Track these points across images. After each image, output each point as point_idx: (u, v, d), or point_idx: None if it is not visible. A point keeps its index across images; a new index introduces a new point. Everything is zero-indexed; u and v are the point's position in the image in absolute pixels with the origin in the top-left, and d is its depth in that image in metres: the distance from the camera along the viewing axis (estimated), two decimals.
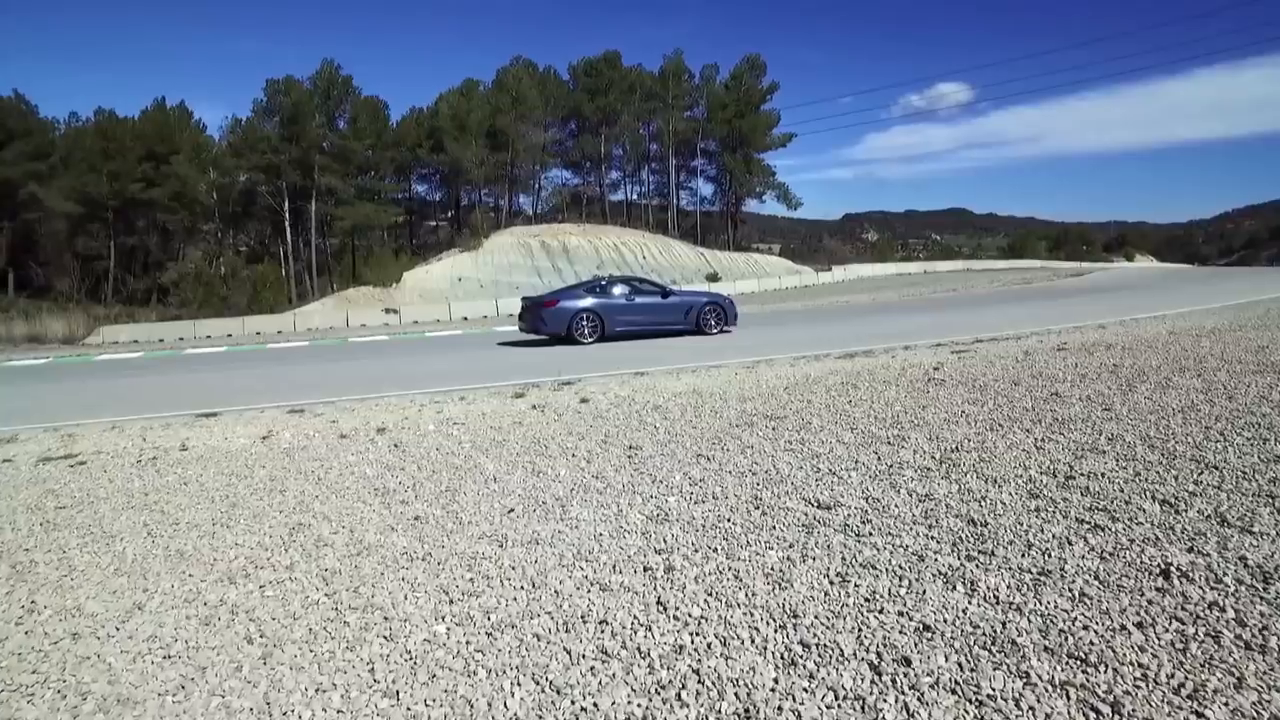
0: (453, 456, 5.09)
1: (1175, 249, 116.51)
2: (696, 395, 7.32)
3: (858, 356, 10.40)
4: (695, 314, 15.08)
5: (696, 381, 8.54)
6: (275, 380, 11.94)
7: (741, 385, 7.99)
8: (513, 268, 41.02)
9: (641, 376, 9.38)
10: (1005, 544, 2.90)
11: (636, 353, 12.73)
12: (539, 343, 14.97)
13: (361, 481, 4.52)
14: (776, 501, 3.63)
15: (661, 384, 8.51)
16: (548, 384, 9.05)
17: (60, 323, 37.37)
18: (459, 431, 6.04)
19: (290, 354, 17.20)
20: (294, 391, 10.02)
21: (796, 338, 14.63)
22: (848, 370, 8.70)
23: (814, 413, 5.96)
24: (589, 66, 57.32)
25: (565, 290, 15.71)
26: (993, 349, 10.31)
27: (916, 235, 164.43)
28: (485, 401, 7.93)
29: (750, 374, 9.00)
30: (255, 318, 31.90)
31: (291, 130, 45.04)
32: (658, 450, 4.92)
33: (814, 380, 7.96)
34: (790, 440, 5.01)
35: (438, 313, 32.09)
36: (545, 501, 3.87)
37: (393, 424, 6.68)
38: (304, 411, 7.91)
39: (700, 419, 5.95)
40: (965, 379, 7.30)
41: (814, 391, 7.08)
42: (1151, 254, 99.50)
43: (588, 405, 7.16)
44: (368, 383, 10.82)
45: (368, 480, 4.54)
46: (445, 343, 18.11)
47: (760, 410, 6.17)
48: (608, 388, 8.48)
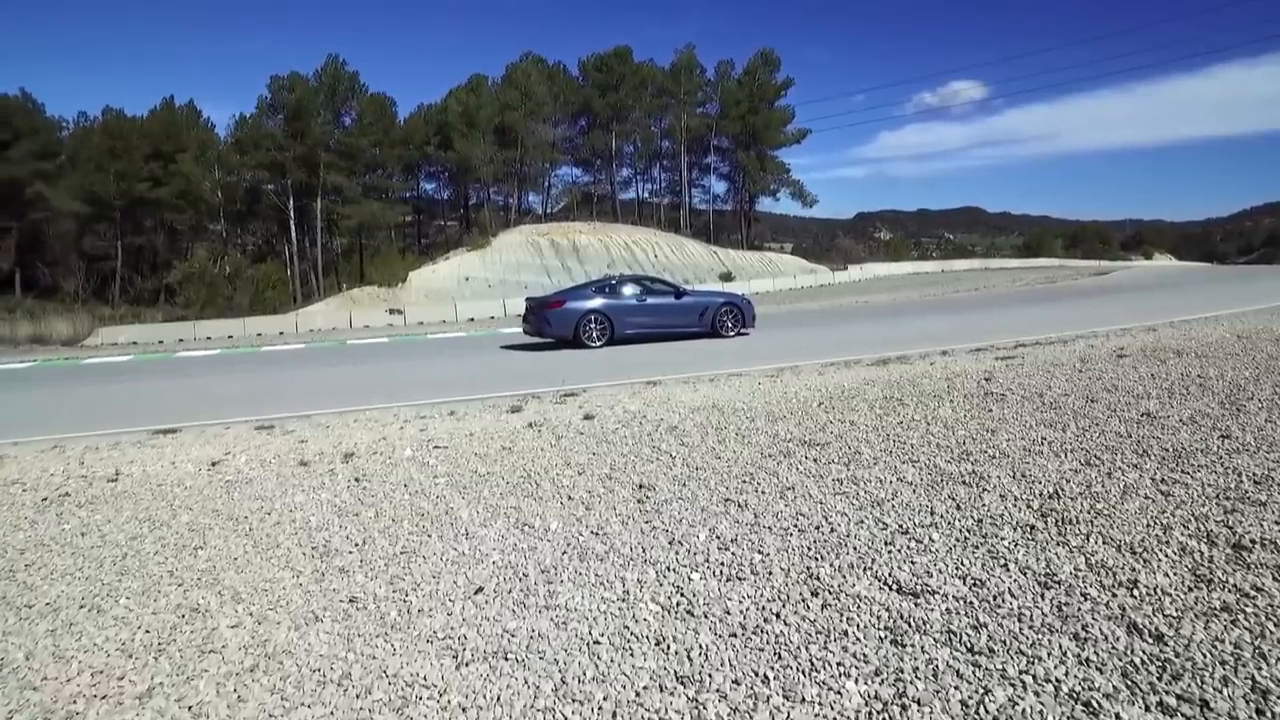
0: (422, 497, 4.14)
1: (1193, 247, 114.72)
2: (717, 412, 6.35)
3: (892, 363, 9.42)
4: (711, 315, 14.11)
5: (715, 393, 7.57)
6: (258, 387, 11.07)
7: (767, 399, 7.02)
8: (521, 267, 40.07)
9: (653, 386, 8.42)
10: (1211, 681, 1.92)
11: (648, 357, 11.77)
12: (544, 346, 14.04)
13: (301, 534, 3.58)
14: (840, 582, 2.66)
15: (676, 396, 7.55)
16: (549, 395, 8.11)
17: (65, 323, 36.87)
18: (438, 460, 5.09)
19: (284, 357, 16.35)
20: (273, 401, 9.13)
21: (820, 341, 13.63)
22: (886, 380, 7.71)
23: (861, 438, 4.97)
24: (600, 62, 56.24)
25: (572, 290, 14.77)
26: (1041, 355, 9.32)
27: (929, 234, 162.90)
28: (477, 417, 7.00)
29: (775, 384, 8.02)
30: (257, 319, 31.15)
31: (296, 127, 44.21)
32: (675, 492, 3.95)
33: (850, 393, 6.97)
34: (840, 478, 4.03)
35: (443, 313, 31.23)
36: (527, 574, 2.91)
37: (365, 447, 5.75)
38: (273, 428, 7.00)
39: (724, 445, 4.98)
40: (1027, 393, 6.29)
41: (854, 408, 6.09)
42: (1169, 252, 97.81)
43: (592, 423, 6.20)
44: (355, 391, 9.93)
45: (309, 533, 3.60)
46: (446, 345, 17.22)
47: (796, 434, 5.19)
48: (616, 400, 7.52)
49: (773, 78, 59.05)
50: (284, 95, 44.73)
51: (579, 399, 7.75)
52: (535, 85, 50.30)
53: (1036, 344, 10.70)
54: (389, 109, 49.81)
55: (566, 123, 56.69)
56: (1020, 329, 13.06)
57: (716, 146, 61.97)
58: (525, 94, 49.55)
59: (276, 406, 8.51)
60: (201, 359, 17.18)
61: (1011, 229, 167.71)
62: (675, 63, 57.49)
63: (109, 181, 53.12)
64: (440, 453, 5.33)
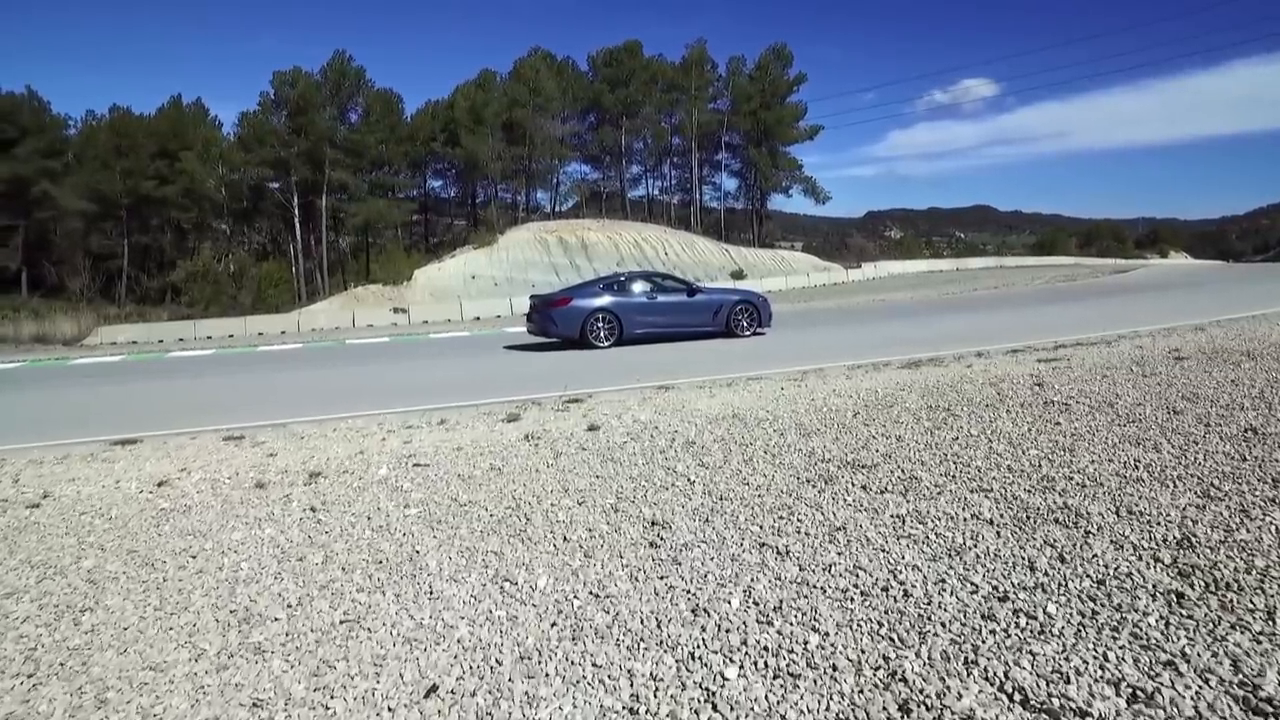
0: (385, 535, 3.38)
1: (1208, 245, 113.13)
2: (739, 423, 5.58)
3: (924, 365, 8.64)
4: (725, 314, 13.34)
5: (735, 400, 6.80)
6: (243, 390, 10.37)
7: (795, 406, 6.24)
8: (529, 265, 39.29)
9: (666, 391, 7.66)
10: None
11: (659, 358, 11.02)
12: (549, 346, 13.30)
13: (222, 590, 2.83)
14: (938, 688, 1.88)
15: (692, 402, 6.78)
16: (551, 400, 7.36)
17: (70, 322, 36.44)
18: (414, 483, 4.34)
19: (280, 357, 15.68)
20: (254, 406, 8.42)
21: (841, 341, 12.85)
22: (923, 385, 6.92)
23: (913, 458, 4.19)
24: (609, 56, 55.34)
25: (579, 287, 14.03)
26: (1088, 357, 8.54)
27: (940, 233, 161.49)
28: (469, 427, 6.26)
29: (801, 389, 7.24)
30: (258, 317, 30.54)
31: (300, 123, 43.56)
32: (696, 531, 3.18)
33: (887, 400, 6.19)
34: (899, 514, 3.25)
35: (449, 312, 30.51)
36: (501, 665, 2.14)
37: (336, 464, 5.01)
38: (243, 438, 6.29)
39: (752, 466, 4.20)
40: (1094, 402, 5.49)
41: (897, 420, 5.31)
42: (1185, 251, 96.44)
43: (596, 436, 5.44)
44: (345, 395, 9.22)
45: (233, 588, 2.85)
46: (448, 345, 16.50)
47: (835, 452, 4.40)
48: (624, 407, 6.77)
49: (785, 73, 58.06)
50: (288, 91, 44.09)
51: (583, 406, 6.99)
52: (544, 81, 49.46)
53: (1077, 345, 9.93)
54: (395, 105, 49.17)
55: (575, 119, 55.86)
56: (1052, 328, 12.32)
57: (727, 143, 61.04)
58: (534, 90, 48.71)
59: (256, 412, 7.80)
60: (194, 359, 16.52)
61: (1023, 227, 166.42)
62: (686, 58, 56.59)
63: (115, 180, 52.73)
64: (419, 473, 4.58)
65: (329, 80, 45.45)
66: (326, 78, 45.36)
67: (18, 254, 52.63)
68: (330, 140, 44.53)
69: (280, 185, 46.95)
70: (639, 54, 55.52)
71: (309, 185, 45.92)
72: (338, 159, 45.03)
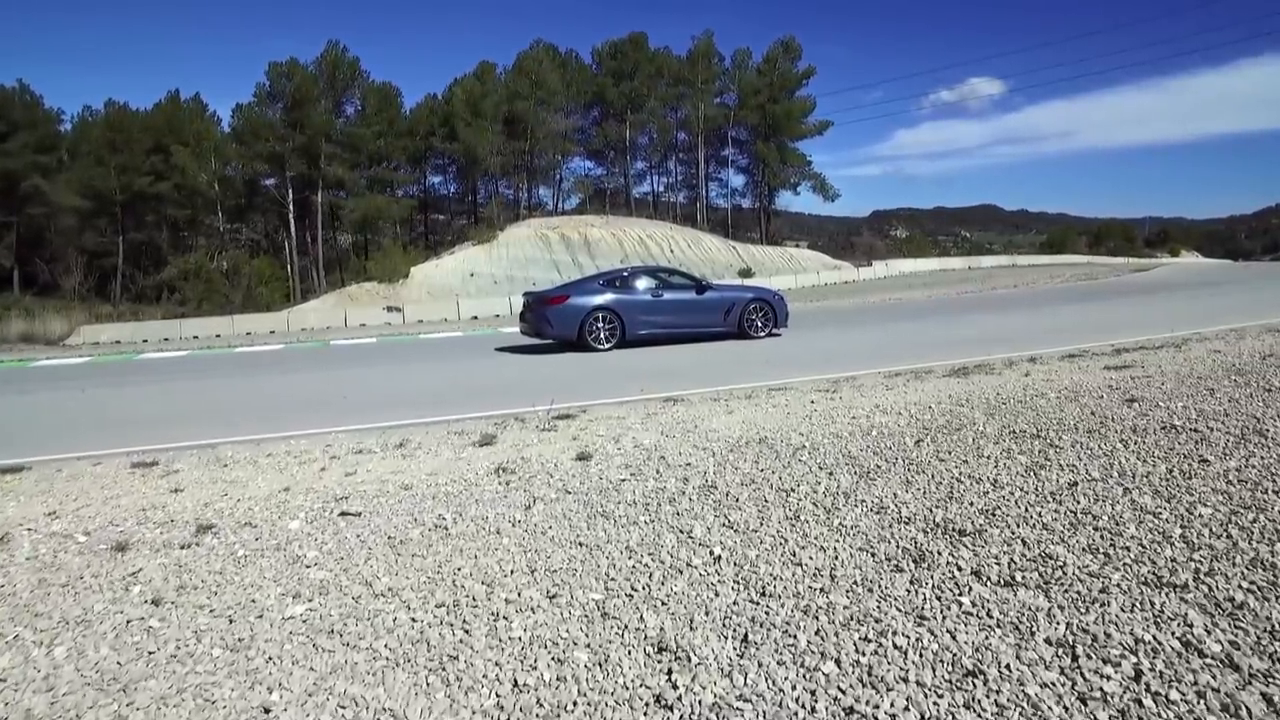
0: (234, 665, 2.15)
1: (1216, 245, 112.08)
2: (770, 451, 4.35)
3: (973, 373, 7.44)
4: (738, 313, 12.12)
5: (760, 417, 5.57)
6: (192, 400, 9.14)
7: (835, 427, 5.01)
8: (529, 262, 38.00)
9: (674, 405, 6.44)
10: None
11: (666, 362, 9.79)
12: (545, 349, 12.09)
13: None
14: None
15: (706, 421, 5.56)
16: (537, 416, 6.14)
17: (61, 321, 35.39)
18: (324, 550, 3.11)
19: (255, 360, 14.49)
20: (193, 420, 7.22)
21: (866, 343, 11.62)
22: (983, 399, 5.69)
23: (1028, 515, 2.95)
24: (614, 49, 53.88)
25: (576, 284, 12.80)
26: (1162, 362, 7.37)
27: (945, 232, 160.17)
28: (431, 453, 5.05)
29: (836, 402, 6.01)
30: (247, 316, 29.36)
31: (295, 116, 42.35)
32: (732, 671, 1.94)
33: (950, 419, 4.96)
34: (1060, 636, 2.00)
35: (445, 310, 29.29)
36: None
37: (243, 510, 3.80)
38: (154, 465, 5.10)
39: (801, 529, 2.96)
40: (1229, 427, 4.25)
41: (976, 449, 4.07)
42: (1195, 250, 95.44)
43: (587, 470, 4.23)
44: (304, 406, 8.00)
45: None
46: (437, 347, 15.30)
47: (913, 505, 3.16)
48: (624, 426, 5.55)
49: (793, 66, 56.61)
50: (283, 83, 42.87)
51: (575, 424, 5.77)
52: (546, 73, 48.03)
53: (1140, 348, 8.73)
54: (394, 98, 47.88)
55: (579, 113, 54.49)
56: (1097, 329, 11.16)
57: (734, 139, 59.60)
58: (535, 82, 47.30)
59: (191, 428, 6.60)
60: (164, 362, 15.35)
61: (1029, 227, 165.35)
62: (692, 51, 55.12)
63: (110, 176, 51.65)
64: (339, 532, 3.35)
65: (323, 72, 44.14)
66: (321, 70, 44.05)
67: (10, 251, 51.65)
68: (326, 134, 43.27)
69: (275, 181, 45.75)
70: (644, 46, 54.11)
71: (305, 181, 44.73)
72: (334, 153, 43.78)
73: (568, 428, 5.69)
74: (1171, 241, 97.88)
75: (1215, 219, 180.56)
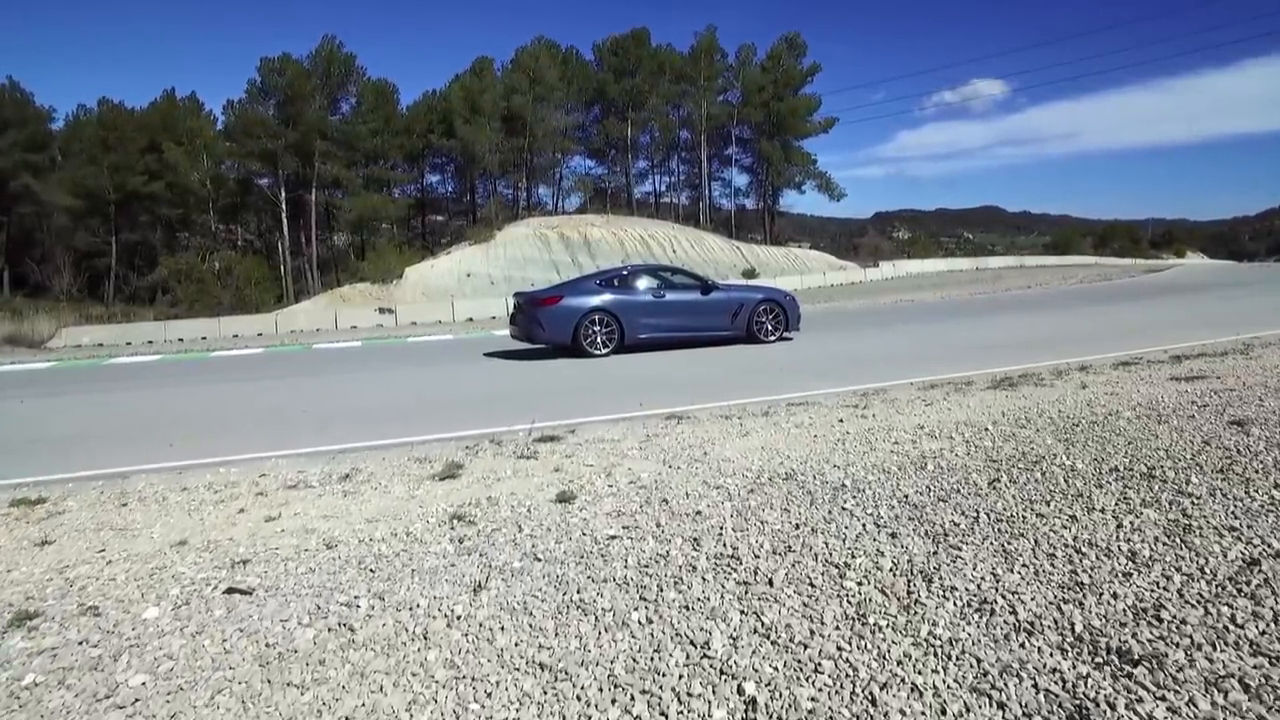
0: None
1: (1220, 246, 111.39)
2: (803, 493, 3.37)
3: (1021, 384, 6.50)
4: (746, 316, 11.15)
5: (782, 441, 4.60)
6: (138, 412, 8.13)
7: (876, 456, 4.04)
8: (527, 262, 36.96)
9: (679, 423, 5.47)
10: None
11: (669, 370, 8.82)
12: (538, 354, 11.13)
13: None
14: None
15: (718, 446, 4.60)
16: (515, 438, 5.17)
17: (51, 322, 34.59)
18: (158, 673, 2.14)
19: (226, 365, 13.52)
20: (122, 439, 6.28)
21: (887, 348, 10.62)
22: (1043, 417, 4.76)
23: (1207, 619, 1.98)
24: (615, 45, 52.65)
25: (571, 284, 11.80)
26: (1234, 370, 6.51)
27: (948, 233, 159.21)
28: (380, 488, 4.10)
29: (871, 422, 5.05)
30: (235, 318, 28.40)
31: (288, 113, 41.37)
32: None
33: (1014, 447, 4.00)
34: None
35: (440, 312, 28.31)
36: None
37: (104, 580, 2.84)
38: (38, 505, 4.19)
39: (869, 640, 1.99)
40: None
41: (1072, 491, 3.10)
42: (1200, 251, 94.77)
43: (568, 517, 3.27)
44: (255, 421, 7.01)
45: None
46: (423, 351, 14.33)
47: (1026, 592, 2.18)
48: (618, 452, 4.59)
49: (798, 63, 55.52)
50: (275, 79, 41.88)
51: (559, 449, 4.80)
52: (545, 69, 46.95)
53: (1201, 355, 7.83)
54: (390, 95, 46.85)
55: (579, 110, 53.37)
56: (1137, 332, 10.38)
57: (738, 137, 58.48)
58: (534, 78, 46.21)
59: (117, 450, 5.64)
60: (133, 367, 14.38)
61: (1031, 228, 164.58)
62: (695, 47, 53.93)
63: (103, 175, 50.71)
64: (204, 628, 2.37)
65: (317, 68, 43.13)
66: (315, 65, 43.04)
67: (0, 251, 50.73)
68: (320, 131, 42.25)
69: (269, 180, 44.76)
70: (646, 43, 52.98)
71: (299, 179, 43.75)
72: (329, 151, 42.78)
73: (551, 454, 4.72)
74: (1176, 243, 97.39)
75: (1219, 220, 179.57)
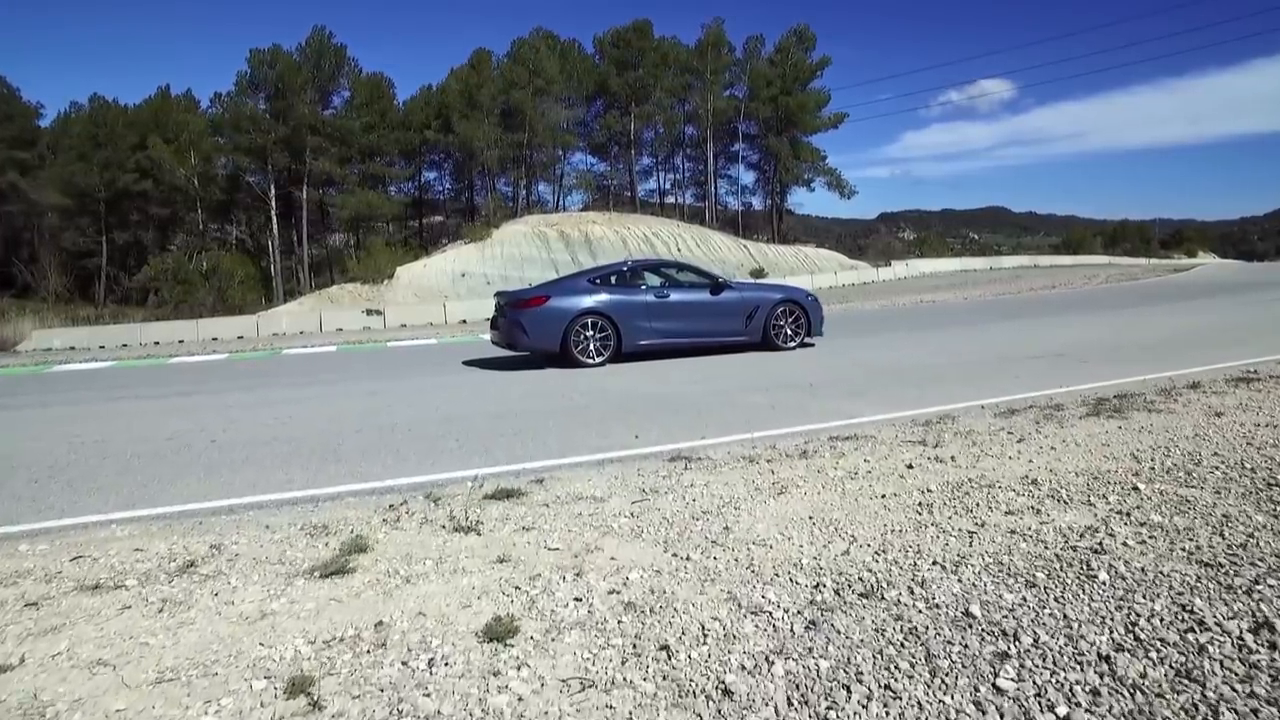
0: None
1: (1229, 246, 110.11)
2: (900, 627, 1.84)
3: (1127, 409, 5.05)
4: (763, 318, 9.66)
5: (839, 507, 3.07)
6: (10, 440, 6.64)
7: (994, 545, 2.50)
8: (525, 261, 35.36)
9: (686, 468, 3.96)
10: None
11: (673, 384, 7.25)
12: (523, 362, 9.63)
13: None
14: None
15: (744, 514, 3.08)
16: (458, 494, 3.66)
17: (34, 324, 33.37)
18: None
19: (174, 374, 12.03)
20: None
21: (925, 357, 8.98)
22: (1203, 465, 3.31)
23: None
24: (617, 37, 50.73)
25: (560, 282, 10.29)
26: None
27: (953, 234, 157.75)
28: (222, 597, 2.59)
29: (951, 470, 3.54)
30: (214, 320, 26.95)
31: (278, 106, 39.85)
32: None
33: (1204, 527, 2.47)
34: None
35: (432, 314, 26.79)
36: None
37: None
38: None
39: None
40: None
41: None
42: (1211, 251, 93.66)
43: (497, 672, 1.75)
44: (144, 456, 5.38)
45: None
46: (396, 359, 12.83)
47: None
48: (600, 524, 3.07)
49: (807, 56, 53.79)
50: (265, 71, 40.38)
51: (515, 514, 3.29)
52: (545, 62, 45.28)
53: None
54: (385, 90, 45.28)
55: (580, 104, 51.67)
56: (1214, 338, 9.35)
57: (745, 133, 56.77)
58: (534, 70, 44.53)
59: None
60: (73, 375, 12.93)
61: (1038, 229, 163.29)
62: (701, 39, 52.13)
63: (93, 172, 49.38)
64: None
65: (308, 60, 41.55)
66: (306, 57, 41.45)
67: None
68: (311, 126, 40.70)
69: (259, 176, 43.26)
70: (649, 34, 51.16)
71: (290, 176, 42.26)
72: (321, 146, 41.24)
73: (501, 523, 3.22)
74: (1187, 242, 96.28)
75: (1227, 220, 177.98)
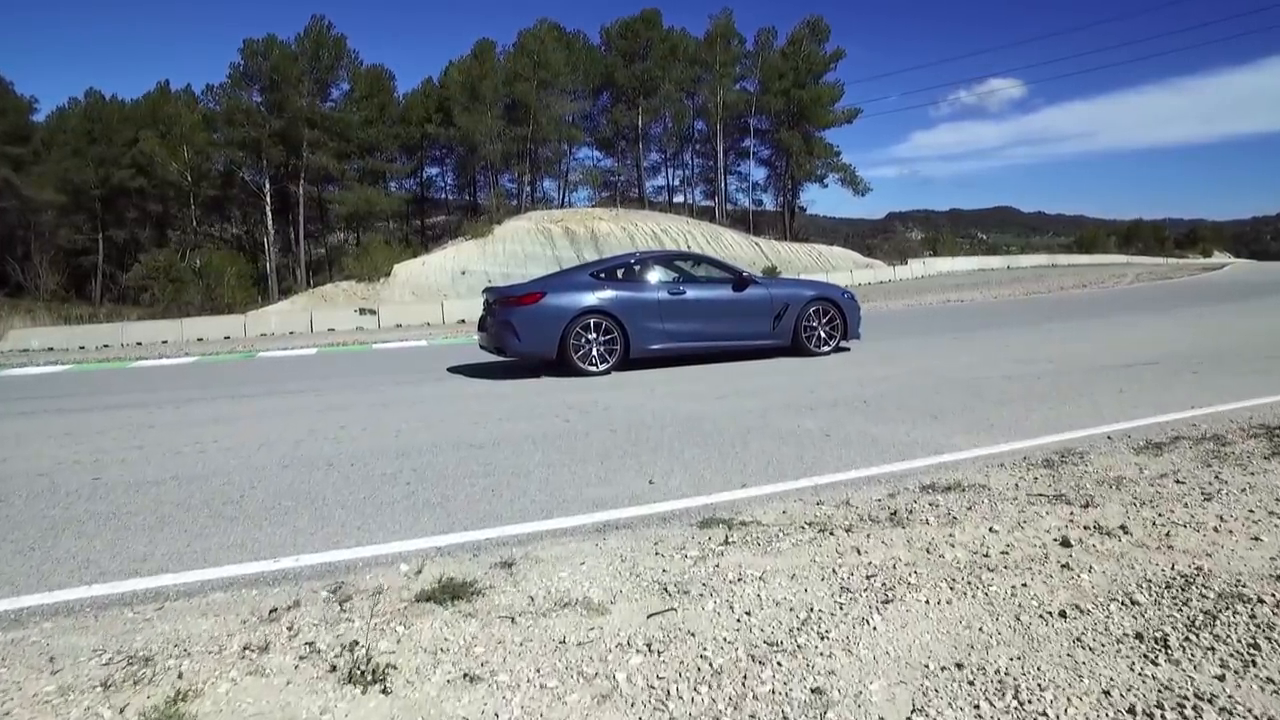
0: None
1: (1241, 245, 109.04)
2: None
3: None
4: (793, 319, 8.31)
5: (991, 632, 1.67)
6: None
7: None
8: (528, 258, 33.98)
9: (726, 546, 2.54)
10: None
11: (693, 401, 5.75)
12: (516, 370, 8.28)
13: None
14: None
15: (836, 645, 1.60)
16: (390, 580, 2.29)
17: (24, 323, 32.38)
18: None
19: (129, 381, 10.78)
20: None
21: (985, 365, 7.49)
22: None
23: None
24: (624, 28, 49.19)
25: (558, 276, 8.94)
26: None
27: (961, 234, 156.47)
28: None
29: (1149, 559, 2.10)
30: (202, 320, 25.79)
31: (273, 99, 38.61)
32: None
33: None
34: None
35: (429, 313, 25.50)
36: None
37: None
38: None
39: None
40: None
41: None
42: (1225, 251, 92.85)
43: None
44: (65, 496, 4.11)
45: None
46: (380, 363, 11.52)
47: None
48: (594, 673, 1.62)
49: (821, 48, 52.32)
50: (259, 62, 39.11)
51: (461, 639, 1.88)
52: (550, 53, 43.87)
53: None
54: (385, 83, 44.01)
55: (586, 97, 50.21)
56: None
57: (756, 128, 55.31)
58: (538, 63, 43.07)
59: None
60: (21, 380, 11.68)
61: (1046, 229, 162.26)
62: (710, 30, 50.64)
63: (88, 169, 48.34)
64: None
65: (305, 51, 40.26)
66: (303, 49, 40.16)
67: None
68: (308, 119, 39.44)
69: (254, 171, 42.01)
70: (657, 25, 49.64)
71: (286, 171, 41.01)
72: (318, 140, 39.97)
73: (428, 671, 1.83)
74: (1202, 242, 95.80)
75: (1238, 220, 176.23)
